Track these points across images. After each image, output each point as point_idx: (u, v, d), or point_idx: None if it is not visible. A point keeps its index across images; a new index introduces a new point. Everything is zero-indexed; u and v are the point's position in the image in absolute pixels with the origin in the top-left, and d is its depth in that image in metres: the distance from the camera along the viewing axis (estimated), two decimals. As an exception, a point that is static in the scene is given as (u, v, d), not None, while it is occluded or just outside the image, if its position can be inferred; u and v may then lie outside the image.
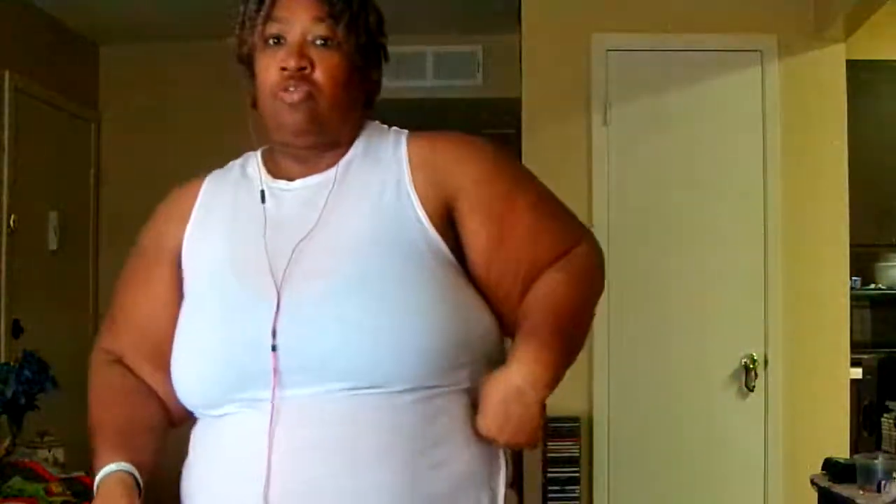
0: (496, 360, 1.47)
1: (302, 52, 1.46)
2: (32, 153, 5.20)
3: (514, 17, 4.75)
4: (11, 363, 3.56)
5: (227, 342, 1.42)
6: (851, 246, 4.47)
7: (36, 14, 5.31)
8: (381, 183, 1.48)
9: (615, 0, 4.56)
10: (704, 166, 4.49)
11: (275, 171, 1.54)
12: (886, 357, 5.11)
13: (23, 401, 3.43)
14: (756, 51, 4.48)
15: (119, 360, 1.56)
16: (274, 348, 1.37)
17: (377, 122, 1.58)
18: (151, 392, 1.53)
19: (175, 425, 1.54)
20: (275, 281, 1.41)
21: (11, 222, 4.99)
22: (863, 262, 5.29)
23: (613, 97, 4.49)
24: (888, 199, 5.16)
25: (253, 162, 1.58)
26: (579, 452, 4.31)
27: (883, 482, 3.13)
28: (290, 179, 1.52)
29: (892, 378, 5.00)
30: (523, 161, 4.50)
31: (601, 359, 4.40)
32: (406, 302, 1.38)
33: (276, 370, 1.38)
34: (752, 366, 4.40)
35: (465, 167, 1.50)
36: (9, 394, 3.40)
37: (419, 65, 5.69)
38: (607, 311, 4.28)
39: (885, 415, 3.82)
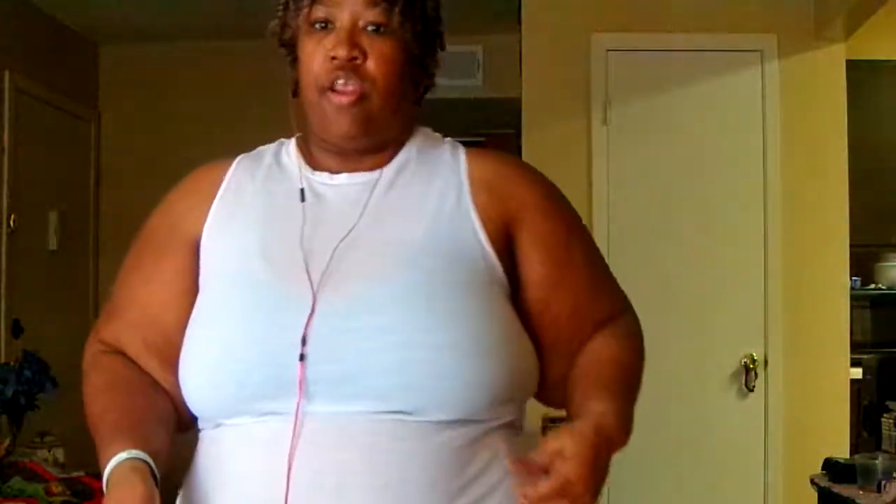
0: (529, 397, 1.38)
1: (353, 39, 1.32)
2: (32, 153, 5.20)
3: (514, 17, 4.75)
4: (11, 363, 3.57)
5: (251, 344, 1.26)
6: (851, 246, 4.47)
7: (36, 14, 5.31)
8: (439, 193, 1.35)
9: (615, 0, 4.56)
10: (704, 166, 4.48)
11: (313, 163, 1.40)
12: (886, 357, 5.11)
13: (23, 401, 3.43)
14: (756, 51, 4.48)
15: (120, 352, 1.39)
16: (302, 357, 1.23)
17: (429, 128, 1.47)
18: (159, 386, 1.36)
19: (183, 430, 1.38)
20: (310, 282, 1.27)
21: (11, 222, 4.99)
22: (863, 262, 5.29)
23: (613, 97, 4.49)
24: (888, 199, 5.17)
25: (288, 151, 1.44)
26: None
27: (883, 482, 3.13)
28: (333, 172, 1.39)
29: (892, 378, 5.00)
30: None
31: (601, 359, 4.39)
32: (466, 322, 1.25)
33: (302, 381, 1.23)
34: (752, 366, 4.40)
35: (529, 197, 1.39)
36: (9, 394, 3.40)
37: (419, 65, 5.69)
38: (607, 311, 4.27)
39: (885, 415, 3.82)
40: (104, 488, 1.24)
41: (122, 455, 1.23)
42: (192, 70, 5.87)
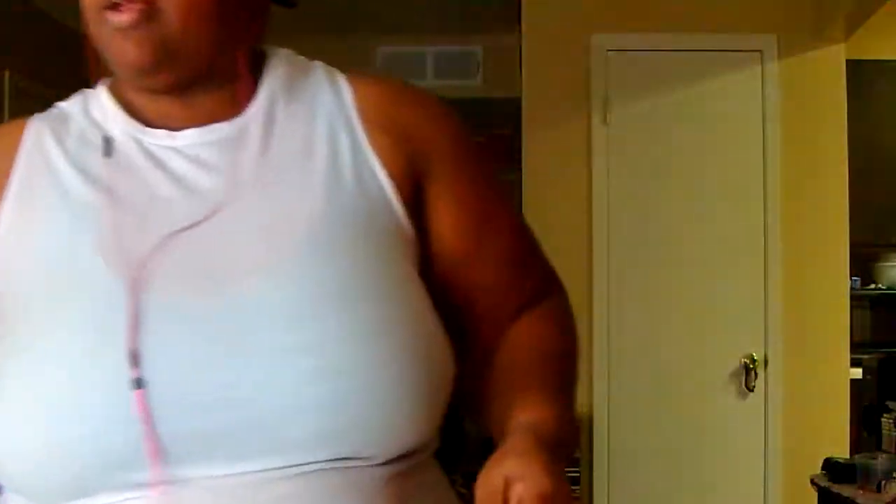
0: None
1: None
2: (32, 153, 5.20)
3: (514, 17, 4.75)
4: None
5: (76, 387, 0.85)
6: (851, 246, 4.48)
7: (36, 14, 5.31)
8: (328, 141, 0.97)
9: (615, 0, 4.56)
10: (704, 166, 4.49)
11: (141, 116, 0.99)
12: (886, 357, 5.11)
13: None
14: (756, 51, 4.48)
15: None
16: (147, 429, 0.83)
17: (289, 49, 1.05)
18: None
19: None
20: (130, 278, 0.88)
21: (11, 222, 4.99)
22: (863, 262, 5.30)
23: (613, 97, 4.49)
24: (888, 199, 5.17)
25: (100, 104, 1.03)
26: (579, 452, 4.31)
27: (883, 482, 3.14)
28: (173, 128, 0.97)
29: (892, 378, 5.00)
30: (523, 161, 4.53)
31: (601, 359, 4.39)
32: (399, 328, 0.90)
33: (150, 438, 0.83)
34: (752, 366, 4.40)
35: (439, 140, 1.04)
36: (9, 394, 3.40)
37: (419, 65, 5.69)
38: (607, 311, 4.28)
39: (885, 415, 3.83)
40: None
41: None
42: (192, 70, 5.88)
